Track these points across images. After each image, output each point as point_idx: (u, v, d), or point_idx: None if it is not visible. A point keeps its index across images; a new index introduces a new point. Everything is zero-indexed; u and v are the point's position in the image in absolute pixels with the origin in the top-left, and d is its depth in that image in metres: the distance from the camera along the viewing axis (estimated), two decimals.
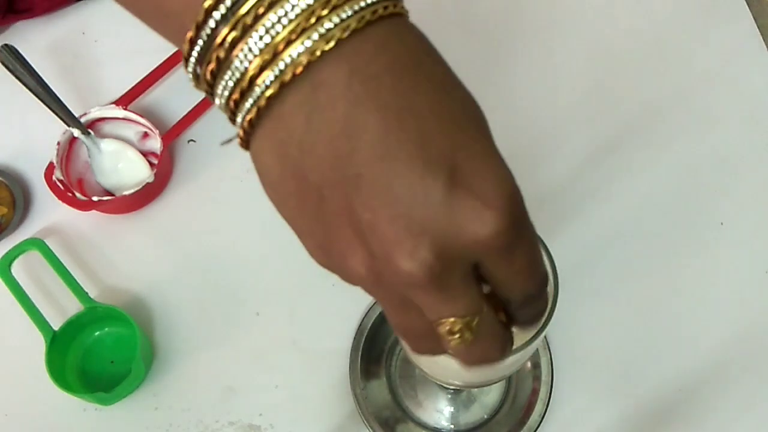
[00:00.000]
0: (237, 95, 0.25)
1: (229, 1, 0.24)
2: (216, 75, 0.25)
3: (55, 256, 0.56)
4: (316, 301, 0.57)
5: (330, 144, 0.24)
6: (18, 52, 0.57)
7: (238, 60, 0.24)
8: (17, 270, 0.56)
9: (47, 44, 0.66)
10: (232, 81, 0.25)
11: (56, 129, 0.58)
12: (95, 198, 0.57)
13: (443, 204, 0.24)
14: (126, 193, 0.57)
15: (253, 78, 0.24)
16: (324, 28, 0.24)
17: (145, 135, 0.61)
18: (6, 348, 0.56)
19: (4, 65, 0.57)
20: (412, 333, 0.28)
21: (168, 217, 0.60)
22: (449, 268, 0.25)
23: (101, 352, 0.56)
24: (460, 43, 0.66)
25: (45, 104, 0.58)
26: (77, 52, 0.67)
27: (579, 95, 0.65)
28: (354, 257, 0.26)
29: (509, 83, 0.65)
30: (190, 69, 0.26)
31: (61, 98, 0.58)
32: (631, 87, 0.65)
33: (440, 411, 0.54)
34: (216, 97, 0.26)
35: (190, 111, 0.62)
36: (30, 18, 0.66)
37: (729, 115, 0.63)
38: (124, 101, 0.61)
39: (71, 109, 0.58)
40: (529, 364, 0.55)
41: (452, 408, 0.55)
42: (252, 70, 0.24)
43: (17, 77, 0.57)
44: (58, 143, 0.58)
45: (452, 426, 0.54)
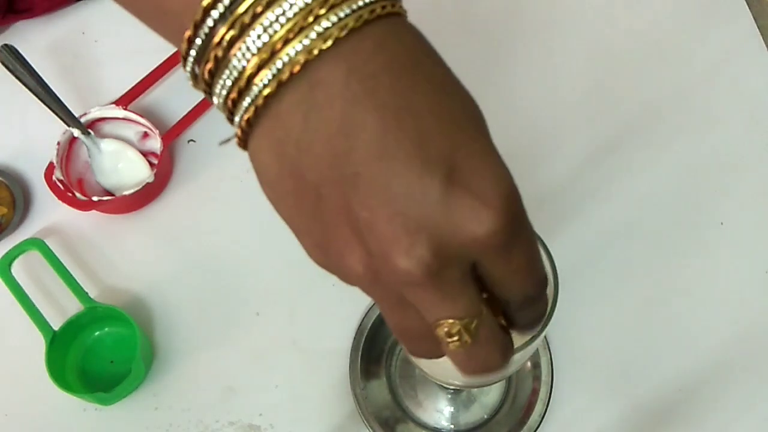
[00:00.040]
0: (235, 94, 0.25)
1: (227, 0, 0.24)
2: (214, 74, 0.25)
3: (55, 256, 0.56)
4: (316, 301, 0.57)
5: (328, 143, 0.24)
6: (18, 52, 0.57)
7: (236, 59, 0.24)
8: (17, 270, 0.56)
9: (47, 44, 0.66)
10: (230, 80, 0.25)
11: (56, 129, 0.58)
12: (95, 198, 0.57)
13: (441, 202, 0.24)
14: (126, 193, 0.57)
15: (251, 77, 0.24)
16: (322, 27, 0.24)
17: (145, 135, 0.62)
18: (6, 348, 0.56)
19: (4, 65, 0.57)
20: (410, 334, 0.28)
21: (168, 217, 0.61)
22: (447, 267, 0.25)
23: (101, 352, 0.56)
24: (460, 43, 0.66)
25: (45, 104, 0.58)
26: (77, 52, 0.67)
27: (579, 95, 0.65)
28: (351, 256, 0.25)
29: (509, 83, 0.65)
30: (189, 68, 0.26)
31: (61, 98, 0.58)
32: (631, 87, 0.65)
33: (440, 411, 0.54)
34: (214, 97, 0.26)
35: (190, 111, 0.62)
36: (30, 18, 0.66)
37: (729, 115, 0.63)
38: (124, 101, 0.61)
39: (71, 109, 0.58)
40: (529, 364, 0.55)
41: (452, 408, 0.55)
42: (250, 69, 0.24)
43: (17, 77, 0.57)
44: (58, 143, 0.58)
45: (452, 426, 0.54)
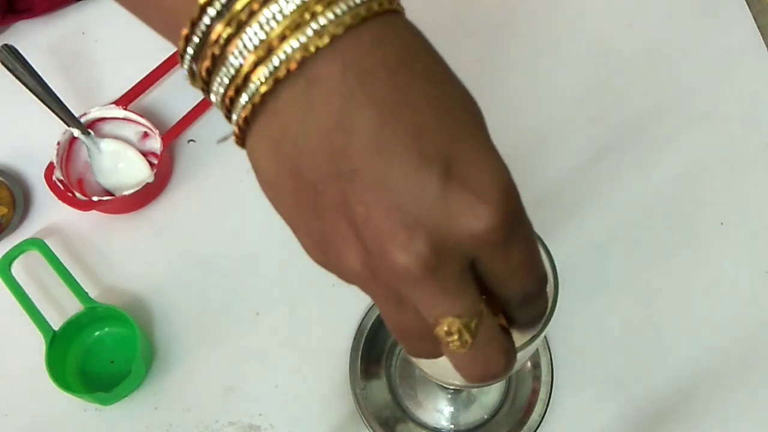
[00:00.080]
0: (232, 92, 0.25)
1: None
2: (211, 72, 0.25)
3: (55, 256, 0.56)
4: (316, 301, 0.57)
5: (325, 139, 0.24)
6: (18, 52, 0.57)
7: (233, 56, 0.24)
8: (17, 270, 0.56)
9: (47, 44, 0.66)
10: (227, 78, 0.25)
11: (56, 129, 0.58)
12: (95, 198, 0.57)
13: (438, 197, 0.24)
14: (126, 193, 0.57)
15: (248, 74, 0.24)
16: (319, 24, 0.24)
17: (145, 135, 0.62)
18: (6, 348, 0.56)
19: (4, 65, 0.57)
20: (409, 334, 0.28)
21: (168, 217, 0.61)
22: (445, 263, 0.25)
23: (101, 352, 0.56)
24: (460, 44, 0.66)
25: (45, 104, 0.58)
26: (77, 52, 0.67)
27: (579, 95, 0.65)
28: (349, 252, 0.25)
29: (509, 83, 0.65)
30: (186, 66, 0.26)
31: (61, 98, 0.58)
32: (631, 87, 0.65)
33: (440, 411, 0.54)
34: (212, 95, 0.26)
35: (190, 111, 0.62)
36: (30, 18, 0.66)
37: (729, 115, 0.63)
38: (124, 101, 0.61)
39: (71, 109, 0.58)
40: (529, 364, 0.55)
41: (452, 408, 0.55)
42: (246, 67, 0.24)
43: (17, 77, 0.57)
44: (58, 143, 0.58)
45: (452, 426, 0.54)
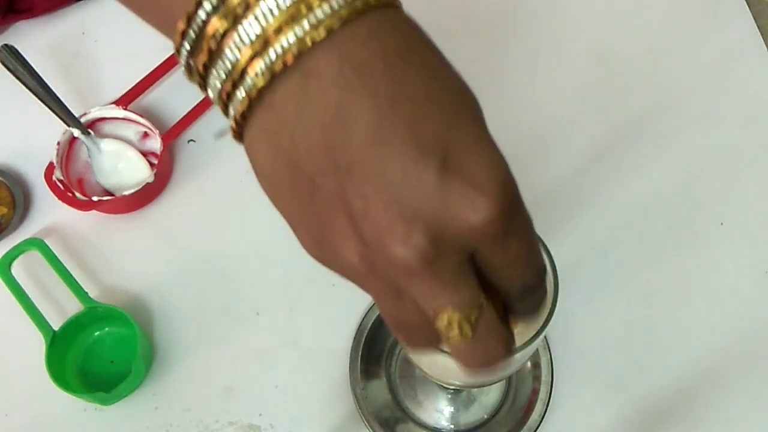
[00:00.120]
0: (229, 86, 0.25)
1: None
2: (208, 67, 0.25)
3: (55, 256, 0.56)
4: (316, 301, 0.57)
5: (322, 132, 0.24)
6: (18, 52, 0.57)
7: (229, 50, 0.24)
8: (17, 270, 0.56)
9: (47, 44, 0.67)
10: (224, 72, 0.25)
11: (56, 129, 0.58)
12: (95, 198, 0.57)
13: (437, 189, 0.24)
14: (126, 193, 0.57)
15: (245, 68, 0.24)
16: (315, 17, 0.23)
17: (145, 135, 0.62)
18: (6, 348, 0.56)
19: (4, 65, 0.57)
20: (407, 328, 0.27)
21: (168, 217, 0.61)
22: (444, 255, 0.24)
23: (101, 352, 0.56)
24: (460, 44, 0.66)
25: (45, 104, 0.58)
26: (77, 52, 0.67)
27: (579, 95, 0.65)
28: (347, 246, 0.25)
29: (509, 83, 0.65)
30: (183, 61, 0.26)
31: (61, 98, 0.58)
32: (632, 86, 0.65)
33: (440, 411, 0.54)
34: (209, 89, 0.26)
35: (190, 111, 0.62)
36: (30, 18, 0.66)
37: (729, 115, 0.63)
38: (124, 101, 0.61)
39: (71, 109, 0.58)
40: (529, 364, 0.55)
41: (452, 408, 0.55)
42: (243, 61, 0.24)
43: (17, 77, 0.57)
44: (58, 143, 0.58)
45: (452, 426, 0.54)
